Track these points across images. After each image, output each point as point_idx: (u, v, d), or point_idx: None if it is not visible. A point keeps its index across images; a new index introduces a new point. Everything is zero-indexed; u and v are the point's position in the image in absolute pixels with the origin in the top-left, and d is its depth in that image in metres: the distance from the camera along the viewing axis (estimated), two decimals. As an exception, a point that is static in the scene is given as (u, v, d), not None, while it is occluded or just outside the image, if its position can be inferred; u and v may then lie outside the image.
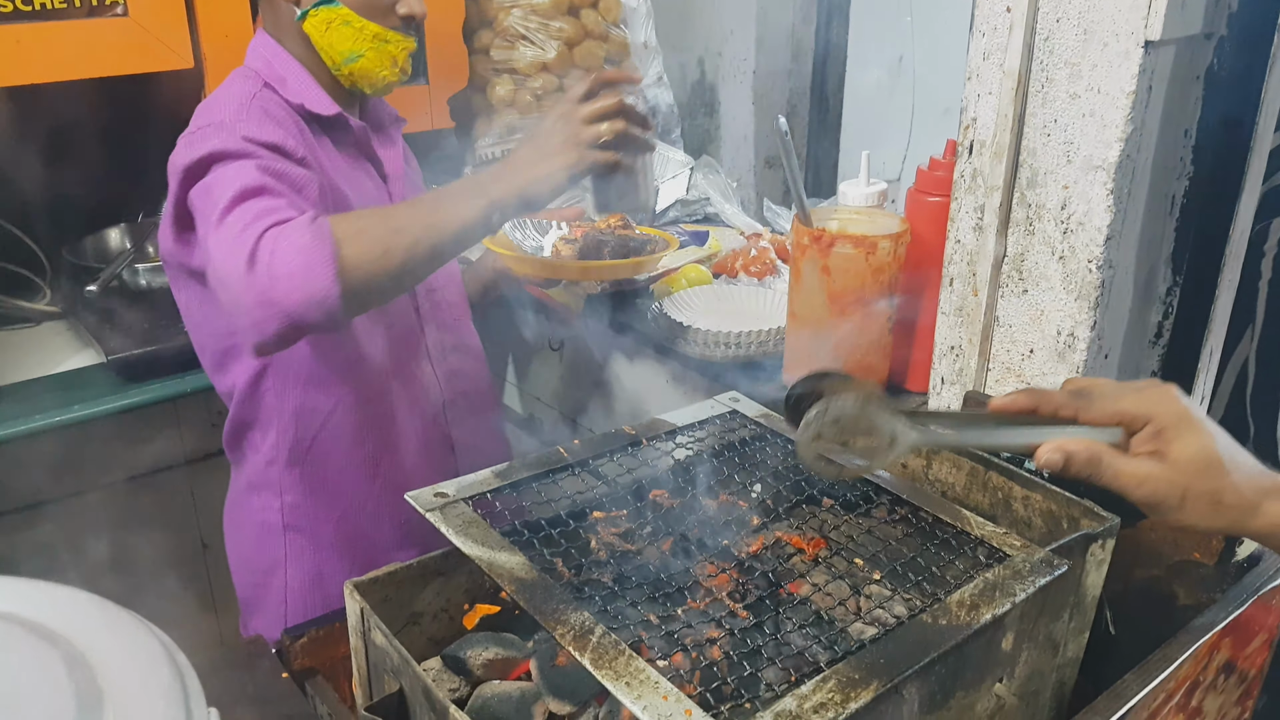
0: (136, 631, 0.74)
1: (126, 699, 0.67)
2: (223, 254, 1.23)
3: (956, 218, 1.37)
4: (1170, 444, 0.82)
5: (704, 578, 1.00)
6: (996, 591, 0.96)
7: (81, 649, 0.70)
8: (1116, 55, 1.16)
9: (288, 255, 1.19)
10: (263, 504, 1.61)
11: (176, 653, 0.73)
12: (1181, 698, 0.92)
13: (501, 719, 0.91)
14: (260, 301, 1.19)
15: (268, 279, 1.19)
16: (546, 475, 1.14)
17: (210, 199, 1.29)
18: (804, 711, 0.79)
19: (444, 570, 1.03)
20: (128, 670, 0.69)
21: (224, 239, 1.23)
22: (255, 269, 1.20)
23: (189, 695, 0.69)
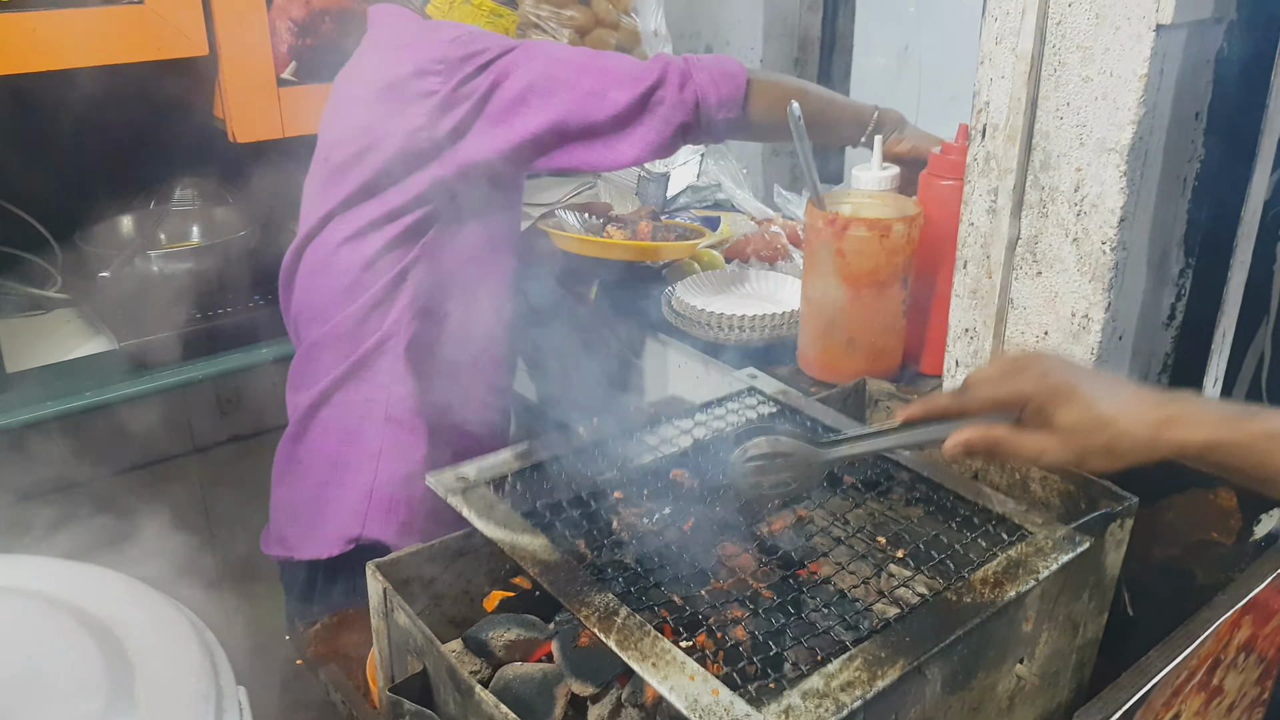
0: (165, 609, 0.75)
1: (156, 673, 0.68)
2: (618, 56, 1.53)
3: (970, 201, 1.38)
4: (1053, 416, 0.91)
5: (726, 558, 1.01)
6: (1020, 569, 0.97)
7: (111, 626, 0.72)
8: (1129, 38, 1.17)
9: (706, 64, 1.52)
10: (366, 392, 1.65)
11: (205, 631, 0.75)
12: (1204, 675, 0.94)
13: (524, 700, 0.92)
14: (682, 89, 1.49)
15: (688, 68, 1.50)
16: (567, 456, 1.15)
17: (549, 45, 1.54)
18: (831, 690, 0.80)
19: (465, 551, 1.05)
20: (158, 646, 0.71)
21: (612, 53, 1.54)
22: (674, 67, 1.51)
23: (219, 671, 0.70)
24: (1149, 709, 0.83)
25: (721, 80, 1.51)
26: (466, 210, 1.59)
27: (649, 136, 1.50)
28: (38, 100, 2.08)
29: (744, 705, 0.77)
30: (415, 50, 1.50)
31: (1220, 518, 1.11)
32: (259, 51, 1.97)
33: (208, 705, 0.66)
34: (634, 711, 0.92)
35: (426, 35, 1.52)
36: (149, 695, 0.67)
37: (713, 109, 1.51)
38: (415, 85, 1.48)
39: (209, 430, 2.18)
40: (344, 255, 1.61)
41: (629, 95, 1.48)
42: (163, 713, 0.66)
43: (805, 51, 2.84)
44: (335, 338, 1.65)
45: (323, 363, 1.68)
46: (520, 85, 1.48)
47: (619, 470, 1.14)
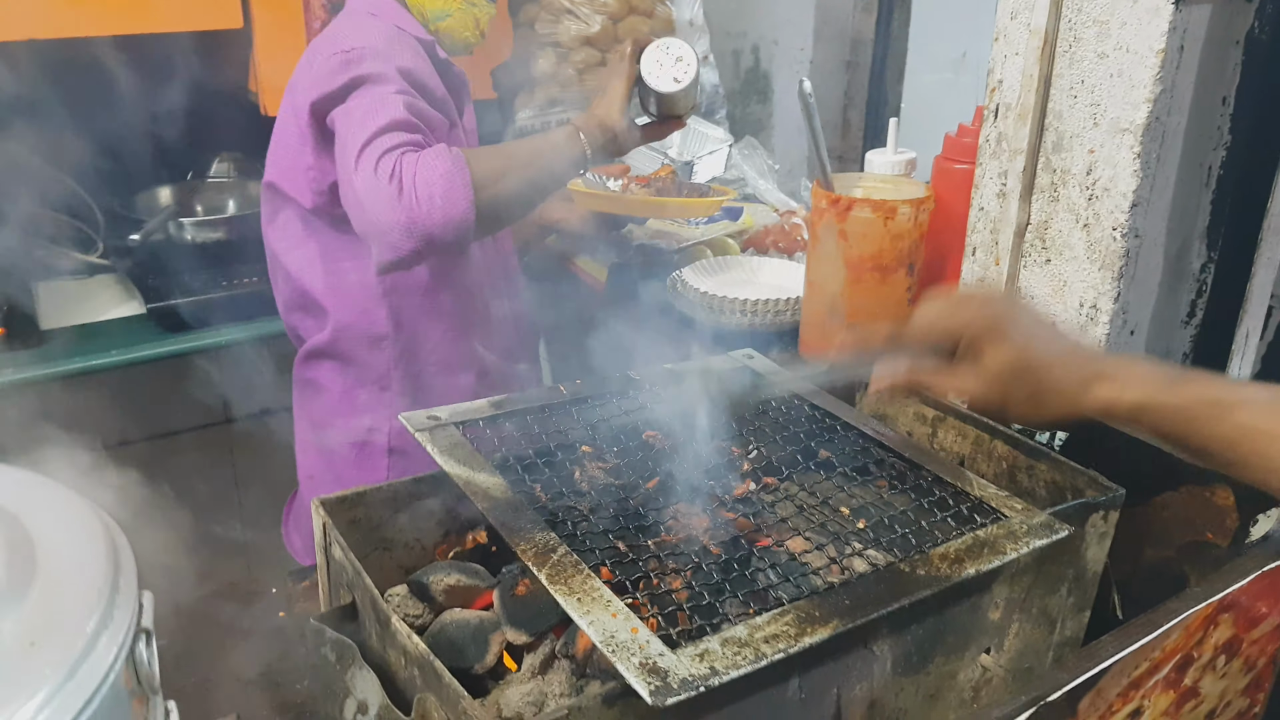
0: (82, 512, 0.74)
1: (58, 566, 0.67)
2: (367, 177, 1.32)
3: (980, 184, 1.34)
4: (981, 354, 0.88)
5: (681, 515, 0.98)
6: (985, 549, 0.92)
7: (24, 520, 0.71)
8: (1146, 12, 1.12)
9: (431, 179, 1.31)
10: (367, 426, 1.65)
11: (119, 534, 0.74)
12: (1171, 672, 0.88)
13: (457, 644, 0.89)
14: (404, 222, 1.31)
15: (413, 200, 1.30)
16: (542, 410, 1.13)
17: (354, 122, 1.38)
18: (754, 640, 0.77)
19: (417, 496, 1.03)
20: (65, 543, 0.70)
21: (367, 163, 1.33)
22: (402, 193, 1.31)
23: (120, 573, 0.69)
24: (1099, 696, 0.78)
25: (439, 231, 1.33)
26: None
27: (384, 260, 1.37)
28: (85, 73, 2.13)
29: (659, 644, 0.74)
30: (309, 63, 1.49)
31: (1216, 517, 1.05)
32: (293, 26, 2.01)
33: (101, 599, 0.65)
34: (566, 663, 0.89)
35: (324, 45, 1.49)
36: (45, 583, 0.66)
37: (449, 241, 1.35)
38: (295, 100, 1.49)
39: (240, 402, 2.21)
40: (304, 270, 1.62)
41: (356, 223, 1.37)
42: (55, 598, 0.64)
43: (857, 54, 2.79)
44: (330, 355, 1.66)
45: (321, 380, 1.69)
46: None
47: (591, 428, 1.12)
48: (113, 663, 0.63)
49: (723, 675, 0.73)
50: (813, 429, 1.15)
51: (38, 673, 0.59)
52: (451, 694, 0.74)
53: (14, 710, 0.57)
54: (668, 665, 0.73)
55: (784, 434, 1.13)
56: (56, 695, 0.59)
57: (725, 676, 0.73)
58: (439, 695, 0.76)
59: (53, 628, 0.63)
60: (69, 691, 0.60)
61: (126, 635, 0.66)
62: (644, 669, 0.72)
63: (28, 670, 0.60)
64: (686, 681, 0.71)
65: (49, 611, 0.64)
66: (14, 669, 0.60)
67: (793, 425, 1.16)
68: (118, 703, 0.65)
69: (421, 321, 1.64)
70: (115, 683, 0.64)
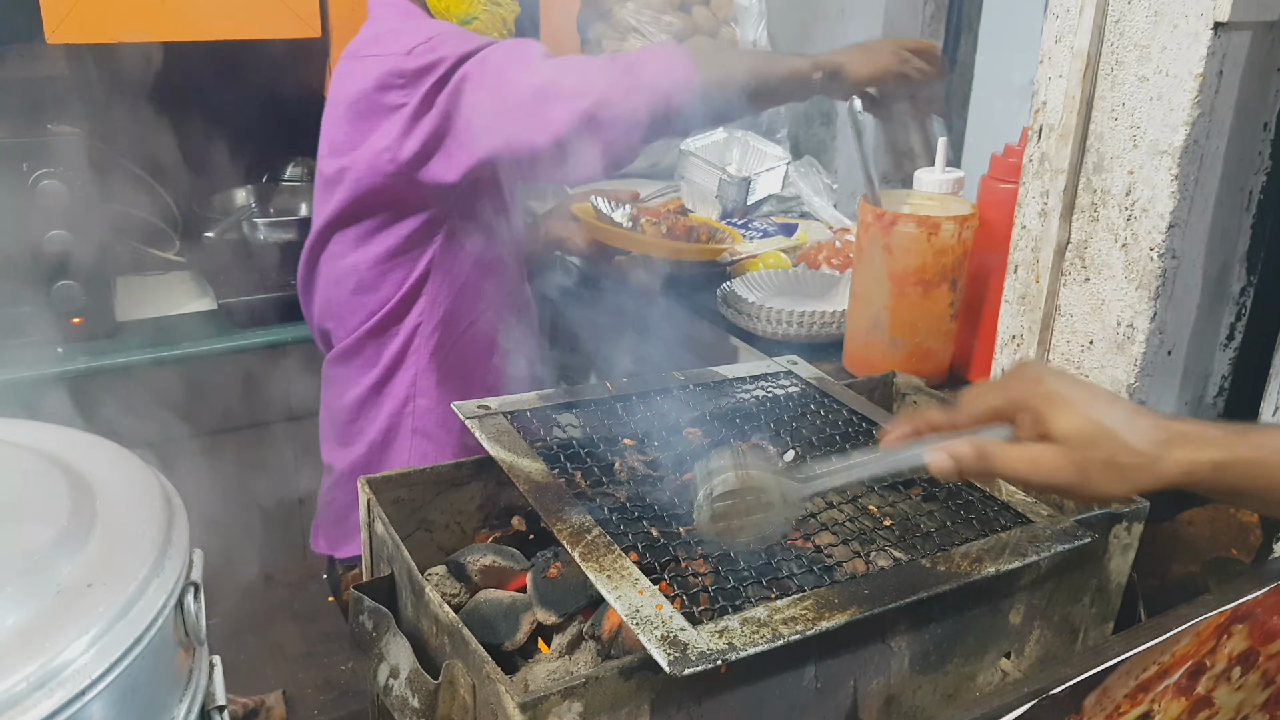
0: (143, 474, 0.81)
1: (115, 519, 0.74)
2: (566, 67, 1.36)
3: (1023, 203, 1.36)
4: (1050, 424, 0.82)
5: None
6: (1007, 550, 0.95)
7: (88, 477, 0.78)
8: (1185, 37, 1.15)
9: (652, 54, 1.35)
10: (392, 408, 1.69)
11: (174, 496, 0.80)
12: (1182, 679, 0.89)
13: (490, 621, 0.94)
14: (633, 85, 1.32)
15: (637, 67, 1.33)
16: (588, 405, 1.18)
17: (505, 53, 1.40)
18: (773, 621, 0.81)
19: (457, 482, 1.08)
20: (124, 500, 0.77)
21: (562, 62, 1.37)
22: (621, 64, 1.34)
23: (173, 528, 0.75)
24: (1105, 695, 0.80)
25: (675, 82, 1.34)
26: (464, 219, 1.60)
27: (598, 158, 1.36)
28: (170, 76, 2.24)
29: (682, 620, 0.79)
30: (378, 61, 1.47)
31: (1240, 534, 1.06)
32: (368, 35, 2.08)
33: (154, 549, 0.71)
34: (592, 643, 0.93)
35: (388, 44, 1.49)
36: (104, 532, 0.72)
37: (669, 114, 1.35)
38: (381, 99, 1.47)
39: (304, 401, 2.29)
40: (352, 263, 1.64)
41: (568, 116, 1.34)
42: (112, 546, 0.70)
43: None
44: (358, 345, 1.70)
45: (350, 371, 1.73)
46: (472, 107, 1.41)
47: (634, 423, 1.16)
48: (161, 608, 0.69)
49: (740, 651, 0.77)
50: (849, 432, 1.18)
51: (92, 610, 0.65)
52: (477, 659, 0.78)
53: (70, 641, 0.63)
54: (688, 639, 0.77)
55: (819, 435, 1.17)
56: (108, 632, 0.65)
57: (742, 652, 0.77)
58: (466, 662, 0.81)
59: (108, 572, 0.69)
60: (119, 630, 0.65)
61: (176, 585, 0.71)
62: (665, 641, 0.76)
63: (84, 608, 0.66)
64: (705, 654, 0.76)
65: (106, 557, 0.70)
66: (72, 606, 0.66)
67: (829, 428, 1.19)
68: (165, 647, 0.71)
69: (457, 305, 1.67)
70: (164, 627, 0.69)
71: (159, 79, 2.25)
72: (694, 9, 2.36)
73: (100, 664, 0.63)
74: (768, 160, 2.29)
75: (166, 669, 0.72)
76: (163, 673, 0.71)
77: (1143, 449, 0.81)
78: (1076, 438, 0.81)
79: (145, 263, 2.45)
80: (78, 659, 0.62)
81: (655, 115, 1.34)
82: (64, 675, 0.62)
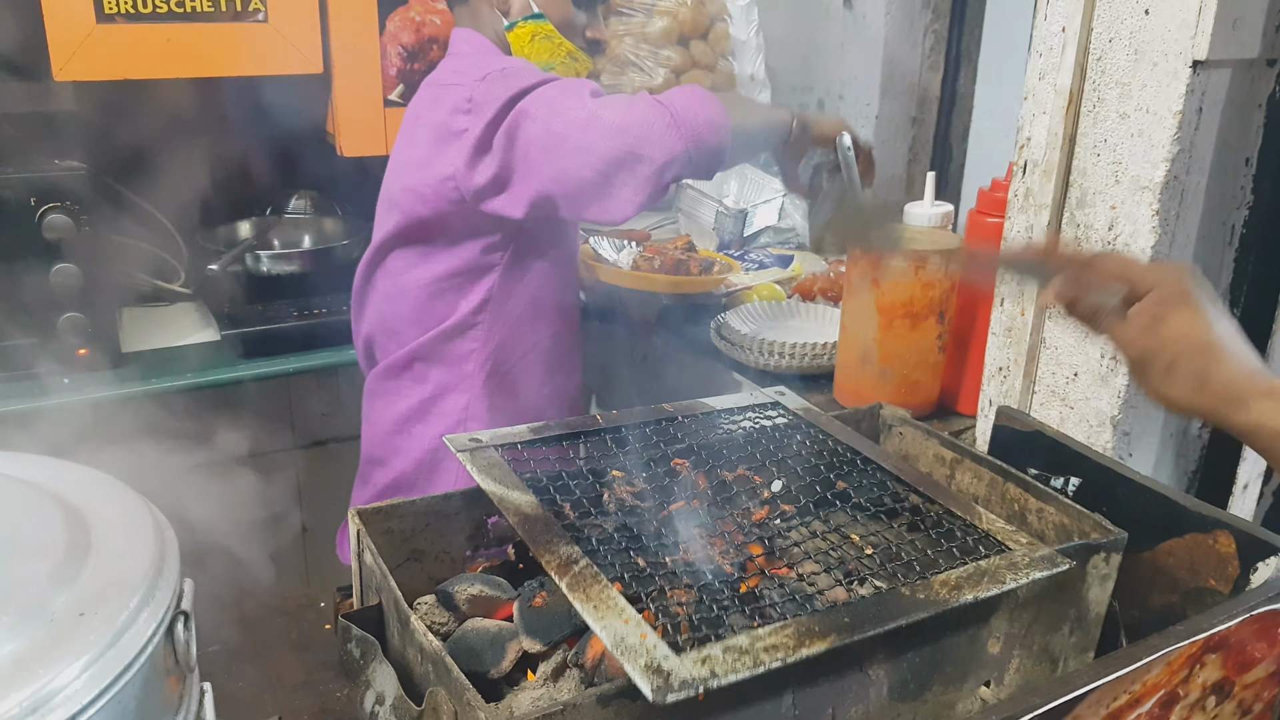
0: (136, 506, 0.83)
1: (109, 552, 0.76)
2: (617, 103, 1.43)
3: (1009, 236, 1.39)
4: (1167, 314, 0.84)
5: (701, 537, 1.04)
6: (985, 578, 0.96)
7: (83, 511, 0.80)
8: (1165, 75, 1.17)
9: (686, 96, 1.42)
10: (444, 428, 1.71)
11: (167, 528, 0.82)
12: (1155, 708, 0.90)
13: (476, 650, 0.96)
14: (668, 120, 1.39)
15: (671, 103, 1.40)
16: (578, 436, 1.20)
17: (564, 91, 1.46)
18: (754, 649, 0.82)
19: (445, 513, 1.10)
20: (117, 532, 0.79)
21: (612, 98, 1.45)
22: (659, 101, 1.41)
23: (164, 559, 0.77)
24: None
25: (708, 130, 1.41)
26: (525, 249, 1.63)
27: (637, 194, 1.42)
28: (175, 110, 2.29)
29: (665, 648, 0.80)
30: (457, 89, 1.52)
31: (1218, 565, 1.07)
32: (369, 73, 2.13)
33: (144, 580, 0.73)
34: (575, 671, 0.94)
35: (467, 73, 1.54)
36: (97, 563, 0.74)
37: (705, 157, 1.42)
38: (450, 124, 1.51)
39: (309, 430, 2.33)
40: (412, 280, 1.66)
41: (610, 150, 1.40)
42: (104, 577, 0.73)
43: (923, 110, 2.83)
44: (410, 360, 1.72)
45: (401, 384, 1.75)
46: (529, 140, 1.45)
47: (623, 454, 1.18)
48: (151, 636, 0.70)
49: (722, 679, 0.78)
50: (833, 462, 1.20)
51: (85, 638, 0.67)
52: (458, 687, 0.80)
53: (62, 669, 0.65)
54: (671, 667, 0.78)
55: (805, 465, 1.19)
56: (99, 660, 0.66)
57: (724, 680, 0.78)
58: (449, 689, 0.82)
59: (100, 601, 0.70)
60: (110, 658, 0.67)
61: (166, 613, 0.73)
62: (649, 669, 0.78)
63: (75, 637, 0.67)
64: (687, 682, 0.77)
65: (98, 587, 0.72)
66: (65, 635, 0.67)
67: (814, 458, 1.21)
68: (155, 674, 0.72)
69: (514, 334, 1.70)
70: (154, 655, 0.71)
71: (164, 114, 2.29)
72: (692, 44, 2.40)
73: (92, 690, 0.65)
74: (765, 192, 2.32)
75: (157, 695, 0.74)
76: (154, 699, 0.73)
77: (1237, 383, 0.82)
78: (1185, 338, 0.84)
79: (150, 295, 2.48)
80: (69, 685, 0.64)
81: (691, 152, 1.40)
82: (56, 701, 0.64)
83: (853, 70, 2.86)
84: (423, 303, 1.67)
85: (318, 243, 2.52)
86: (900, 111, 2.80)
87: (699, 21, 2.42)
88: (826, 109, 2.95)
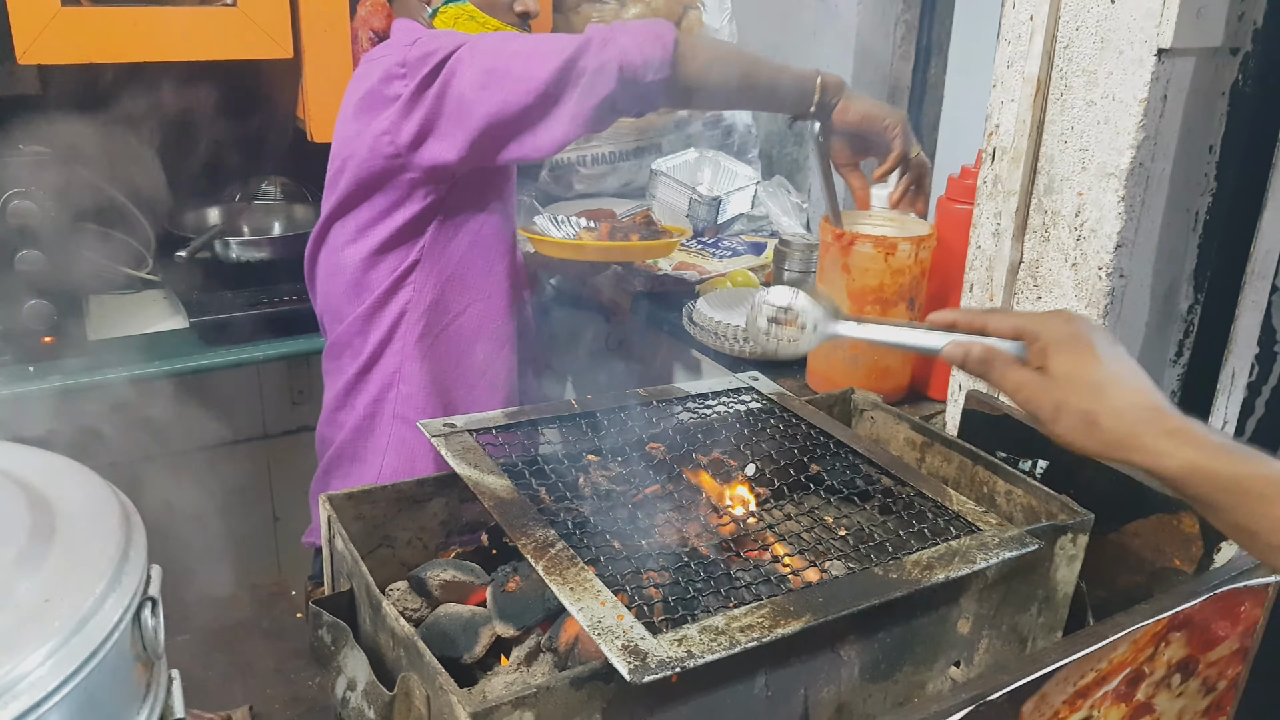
0: (102, 492, 0.82)
1: (74, 537, 0.75)
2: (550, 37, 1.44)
3: (978, 224, 1.40)
4: (1052, 359, 0.85)
5: (677, 520, 1.04)
6: (956, 558, 0.97)
7: (48, 498, 0.79)
8: (1130, 63, 1.18)
9: (632, 27, 1.42)
10: (375, 393, 1.70)
11: (133, 513, 0.81)
12: (1121, 685, 0.92)
13: (449, 635, 0.96)
14: (602, 52, 1.39)
15: (611, 33, 1.40)
16: (554, 421, 1.20)
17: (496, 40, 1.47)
18: (730, 629, 0.83)
19: (418, 498, 1.10)
20: (82, 518, 0.78)
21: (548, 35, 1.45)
22: (598, 34, 1.41)
23: (131, 545, 0.76)
24: (1044, 701, 0.82)
25: (647, 43, 1.41)
26: (457, 210, 1.63)
27: (575, 110, 1.43)
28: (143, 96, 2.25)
29: (642, 629, 0.80)
30: (385, 59, 1.53)
31: (1183, 545, 1.09)
32: (340, 57, 2.11)
33: (110, 565, 0.73)
34: (549, 655, 0.95)
35: (396, 43, 1.55)
36: (62, 549, 0.73)
37: (638, 72, 1.41)
38: (384, 90, 1.51)
39: (279, 419, 2.31)
40: (348, 257, 1.66)
41: (549, 70, 1.41)
42: (69, 563, 0.72)
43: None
44: (349, 337, 1.72)
45: (341, 362, 1.75)
46: (464, 83, 1.45)
47: (598, 439, 1.18)
48: (118, 622, 0.70)
49: (698, 659, 0.79)
50: (807, 445, 1.21)
51: (49, 625, 0.66)
52: (430, 671, 0.80)
53: (26, 656, 0.64)
54: (648, 648, 0.79)
55: (778, 449, 1.19)
56: (65, 646, 0.66)
57: (700, 660, 0.79)
58: (421, 674, 0.82)
59: (66, 588, 0.70)
60: (76, 644, 0.66)
61: (133, 600, 0.72)
62: (625, 650, 0.78)
63: (41, 623, 0.66)
64: (664, 662, 0.77)
65: (63, 574, 0.71)
66: (29, 621, 0.67)
67: (788, 442, 1.22)
68: (122, 660, 0.72)
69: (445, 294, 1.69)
70: (120, 641, 0.70)
71: (132, 99, 2.26)
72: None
73: (56, 676, 0.65)
74: (738, 180, 2.33)
75: (124, 682, 0.73)
76: (120, 686, 0.73)
77: (1123, 419, 0.82)
78: (1069, 380, 0.84)
79: (118, 281, 2.45)
80: (34, 672, 0.64)
81: (625, 71, 1.40)
82: (20, 688, 0.63)
83: (825, 60, 2.86)
84: (358, 278, 1.67)
85: (288, 229, 2.50)
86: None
87: (672, 9, 2.41)
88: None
